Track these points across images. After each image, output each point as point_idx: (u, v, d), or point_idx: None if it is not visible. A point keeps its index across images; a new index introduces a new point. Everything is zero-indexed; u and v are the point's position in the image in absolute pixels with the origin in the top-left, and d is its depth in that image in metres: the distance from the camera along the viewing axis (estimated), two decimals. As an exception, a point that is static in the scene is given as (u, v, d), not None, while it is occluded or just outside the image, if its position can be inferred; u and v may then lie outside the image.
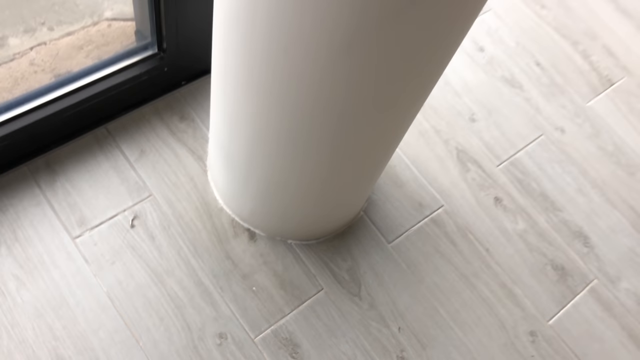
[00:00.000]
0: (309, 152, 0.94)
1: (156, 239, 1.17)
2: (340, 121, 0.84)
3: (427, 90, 0.87)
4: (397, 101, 0.83)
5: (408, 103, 0.86)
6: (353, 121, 0.85)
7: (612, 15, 1.70)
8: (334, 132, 0.88)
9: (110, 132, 1.24)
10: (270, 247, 1.21)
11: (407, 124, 0.97)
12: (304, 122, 0.85)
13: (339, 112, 0.81)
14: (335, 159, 0.96)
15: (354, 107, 0.81)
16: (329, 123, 0.85)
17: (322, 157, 0.95)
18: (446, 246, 1.28)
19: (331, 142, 0.90)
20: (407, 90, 0.81)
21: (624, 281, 1.32)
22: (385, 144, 1.00)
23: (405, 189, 1.33)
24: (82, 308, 1.09)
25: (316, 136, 0.89)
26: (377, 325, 1.17)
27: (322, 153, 0.94)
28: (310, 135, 0.89)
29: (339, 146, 0.92)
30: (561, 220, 1.36)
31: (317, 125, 0.86)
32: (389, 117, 0.88)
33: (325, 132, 0.87)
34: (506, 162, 1.41)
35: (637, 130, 1.53)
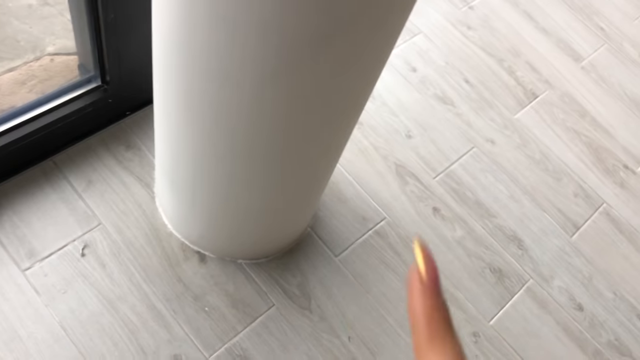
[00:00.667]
0: (251, 175, 0.99)
1: (107, 266, 1.18)
2: (276, 144, 0.90)
3: (354, 112, 0.93)
4: (327, 123, 0.89)
5: (338, 124, 0.92)
6: (289, 144, 0.90)
7: (533, 34, 1.83)
8: (273, 155, 0.93)
9: (57, 164, 1.26)
10: (221, 268, 1.24)
11: (341, 145, 1.03)
12: (243, 147, 0.91)
13: (275, 137, 0.87)
14: (278, 181, 1.02)
15: (288, 131, 0.86)
16: (266, 147, 0.90)
17: (264, 179, 1.00)
18: (390, 256, 1.35)
19: (272, 165, 0.96)
20: (334, 112, 0.87)
21: (557, 279, 1.42)
22: (322, 165, 1.06)
23: (349, 204, 1.39)
24: (34, 340, 1.09)
25: (256, 160, 0.94)
26: (328, 336, 1.22)
27: (265, 176, 0.99)
28: (250, 159, 0.94)
29: (280, 167, 0.97)
30: (496, 225, 1.45)
31: (256, 149, 0.91)
32: (323, 139, 0.95)
33: (264, 155, 0.93)
34: (442, 174, 1.49)
35: (561, 139, 1.64)
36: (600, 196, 1.57)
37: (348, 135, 1.03)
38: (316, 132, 0.92)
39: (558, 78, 1.76)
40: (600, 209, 1.55)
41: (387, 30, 0.76)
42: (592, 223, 1.53)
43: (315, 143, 0.95)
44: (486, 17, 1.82)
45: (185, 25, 0.73)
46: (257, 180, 1.00)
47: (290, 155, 0.95)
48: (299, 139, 0.91)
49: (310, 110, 0.84)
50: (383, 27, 0.74)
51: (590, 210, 1.54)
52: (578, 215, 1.53)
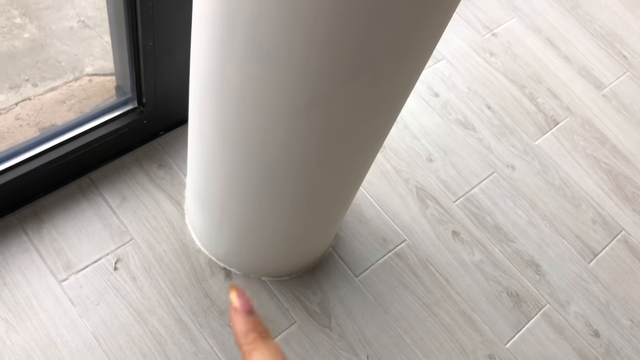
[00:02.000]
0: (279, 198, 1.04)
1: (138, 280, 1.24)
2: (305, 170, 0.95)
3: (379, 140, 0.98)
4: (353, 150, 0.94)
5: (363, 151, 0.97)
6: (316, 169, 0.95)
7: (555, 61, 1.87)
8: (301, 179, 0.98)
9: (93, 181, 1.33)
10: (245, 284, 1.29)
11: (365, 169, 1.08)
12: (273, 172, 0.96)
13: (303, 164, 0.92)
14: (303, 203, 1.07)
15: (317, 157, 0.91)
16: (295, 172, 0.95)
17: (291, 202, 1.05)
18: (409, 278, 1.39)
19: (298, 188, 1.01)
20: (361, 140, 0.92)
21: (573, 305, 1.44)
22: (346, 187, 1.10)
23: (370, 226, 1.44)
24: (69, 348, 1.15)
25: (285, 183, 0.99)
26: (346, 354, 1.26)
27: (291, 198, 1.04)
28: (280, 183, 0.99)
29: (306, 191, 1.02)
30: (514, 250, 1.48)
31: (285, 173, 0.96)
32: (348, 164, 0.99)
33: (292, 179, 0.98)
34: (462, 198, 1.53)
35: (580, 166, 1.67)
36: (619, 223, 1.59)
37: (372, 160, 1.08)
38: (342, 159, 0.96)
39: (579, 105, 1.79)
40: (618, 236, 1.57)
41: (414, 64, 0.81)
42: (610, 250, 1.54)
43: (341, 169, 1.00)
44: (509, 43, 1.86)
45: (222, 59, 0.79)
46: (284, 203, 1.05)
47: (317, 180, 1.00)
48: (326, 166, 0.96)
49: (338, 140, 0.89)
50: (411, 61, 0.79)
51: (609, 238, 1.56)
52: (596, 242, 1.55)
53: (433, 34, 0.76)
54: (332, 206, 1.16)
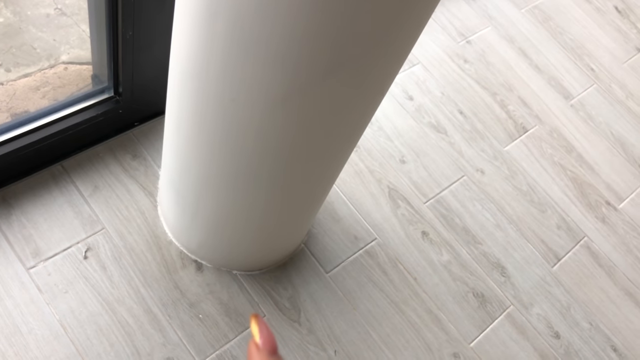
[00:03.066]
0: (254, 191, 1.05)
1: (108, 269, 1.24)
2: (280, 163, 0.96)
3: (353, 138, 1.00)
4: (328, 147, 0.96)
5: (337, 148, 0.99)
6: (291, 164, 0.97)
7: (526, 71, 1.92)
8: (276, 173, 0.99)
9: (65, 168, 1.32)
10: (216, 278, 1.30)
11: (339, 167, 1.10)
12: (249, 164, 0.97)
13: (278, 157, 0.93)
14: (277, 197, 1.08)
15: (292, 152, 0.93)
16: (270, 167, 0.96)
17: (265, 195, 1.06)
18: (379, 276, 1.41)
19: (273, 182, 1.02)
20: (335, 137, 0.94)
21: (536, 307, 1.48)
22: (320, 184, 1.12)
23: (342, 224, 1.46)
24: (34, 335, 1.14)
25: (260, 176, 1.00)
26: (315, 349, 1.27)
27: (266, 191, 1.05)
28: (255, 175, 1.00)
29: (281, 185, 1.04)
30: (481, 252, 1.52)
31: (261, 166, 0.97)
32: (323, 161, 1.01)
33: (267, 172, 0.99)
34: (432, 200, 1.56)
35: (547, 172, 1.72)
36: (582, 230, 1.64)
37: (346, 158, 1.10)
38: (317, 155, 0.98)
39: (548, 114, 1.84)
40: (581, 242, 1.62)
41: (390, 65, 0.83)
42: (573, 255, 1.59)
43: (315, 165, 1.02)
44: (483, 51, 1.91)
45: (202, 49, 0.80)
46: (258, 197, 1.06)
47: (291, 175, 1.01)
48: (301, 161, 0.97)
49: (313, 136, 0.90)
50: (386, 61, 0.81)
51: (572, 243, 1.61)
52: (560, 247, 1.59)
53: (409, 36, 0.79)
54: (305, 202, 1.17)
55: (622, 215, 1.70)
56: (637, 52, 2.12)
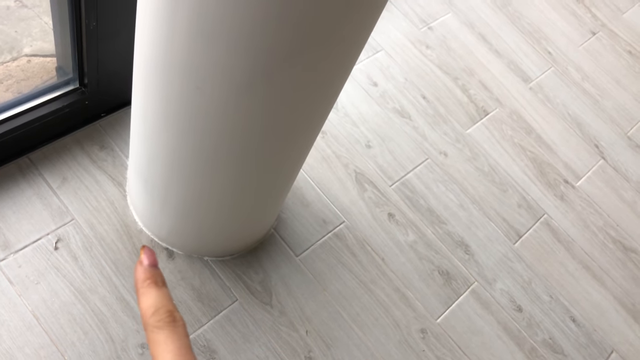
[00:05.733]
0: (222, 177, 1.07)
1: (79, 259, 1.25)
2: (247, 149, 0.98)
3: (318, 122, 1.03)
4: (294, 131, 0.99)
5: (303, 133, 1.02)
6: (258, 149, 0.99)
7: (486, 55, 1.97)
8: (243, 159, 1.02)
9: (32, 161, 1.32)
10: (188, 264, 1.32)
11: (305, 151, 1.13)
12: (216, 150, 0.99)
13: (244, 142, 0.96)
14: (245, 182, 1.10)
15: (258, 137, 0.96)
16: (237, 151, 0.99)
17: (233, 181, 1.09)
18: (347, 257, 1.45)
19: (241, 167, 1.05)
20: (301, 122, 0.97)
21: (499, 282, 1.54)
22: (287, 169, 1.15)
23: (311, 208, 1.49)
24: (7, 327, 1.15)
25: (227, 162, 1.03)
26: (287, 329, 1.31)
27: (234, 177, 1.08)
28: (222, 162, 1.02)
29: (248, 170, 1.06)
30: (445, 231, 1.57)
31: (228, 153, 0.99)
32: (289, 145, 1.04)
33: (235, 159, 1.01)
34: (398, 183, 1.60)
35: (508, 154, 1.77)
36: (542, 207, 1.71)
37: (311, 142, 1.12)
38: (283, 140, 1.01)
39: (508, 97, 1.90)
40: (541, 219, 1.69)
41: (350, 48, 0.86)
42: (534, 232, 1.66)
43: (282, 150, 1.05)
44: (444, 37, 1.95)
45: (165, 36, 0.82)
46: (226, 182, 1.09)
47: (258, 160, 1.04)
48: (267, 146, 1.00)
49: (277, 120, 0.93)
50: (346, 44, 0.84)
51: (532, 220, 1.68)
52: (521, 225, 1.66)
53: (366, 20, 0.82)
54: (273, 187, 1.20)
55: (579, 193, 1.78)
56: (591, 35, 2.19)
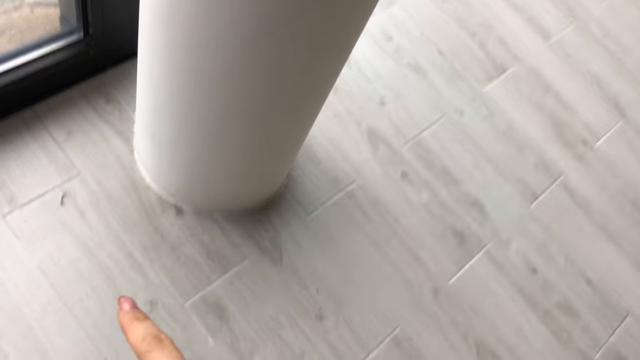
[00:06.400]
0: (231, 132, 1.03)
1: (86, 215, 1.22)
2: (257, 104, 0.94)
3: (330, 77, 0.98)
4: (305, 86, 0.94)
5: (314, 87, 0.97)
6: (267, 103, 0.95)
7: (505, 10, 1.90)
8: (253, 114, 0.98)
9: (37, 114, 1.28)
10: (197, 221, 1.29)
11: (317, 107, 1.08)
12: (225, 105, 0.95)
13: (254, 96, 0.92)
14: (256, 138, 1.06)
15: (268, 92, 0.91)
16: (247, 106, 0.94)
17: (243, 136, 1.05)
18: (359, 217, 1.42)
19: (251, 122, 1.00)
20: (311, 76, 0.92)
21: (514, 244, 1.51)
22: (298, 125, 1.11)
23: (322, 166, 1.45)
24: (13, 282, 1.13)
25: (237, 116, 0.98)
26: (297, 287, 1.29)
27: (244, 132, 1.04)
28: (232, 116, 0.98)
29: (258, 125, 1.02)
30: (460, 191, 1.53)
31: (237, 107, 0.95)
32: (300, 101, 0.99)
33: (244, 113, 0.97)
34: (412, 142, 1.56)
35: (525, 112, 1.72)
36: (559, 168, 1.66)
37: (324, 98, 1.08)
38: (294, 95, 0.96)
39: (526, 54, 1.83)
40: (558, 180, 1.64)
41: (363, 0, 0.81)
42: (550, 193, 1.62)
43: (293, 105, 1.00)
44: (461, -9, 1.87)
45: (175, -20, 0.77)
46: (236, 136, 1.05)
47: (269, 114, 0.99)
48: (277, 100, 0.95)
49: (288, 73, 0.88)
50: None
51: (549, 181, 1.63)
52: (537, 185, 1.61)
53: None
54: (284, 144, 1.16)
55: (598, 153, 1.73)
56: (615, -10, 2.10)
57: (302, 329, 1.25)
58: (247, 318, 1.23)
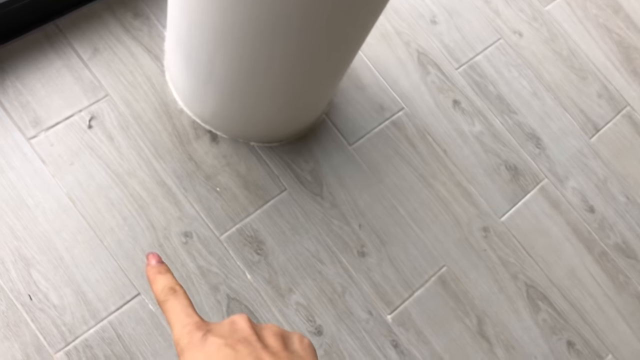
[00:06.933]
0: (271, 51, 0.92)
1: (115, 139, 1.14)
2: (298, 23, 0.82)
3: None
4: (351, 3, 0.81)
5: (362, 6, 0.84)
6: (311, 23, 0.83)
7: None
8: (298, 28, 0.86)
9: (60, 28, 1.18)
10: (233, 149, 1.20)
11: (371, 22, 0.96)
12: (269, 17, 0.83)
13: (297, 15, 0.79)
14: (299, 58, 0.95)
15: (310, 9, 0.79)
16: (288, 25, 0.83)
17: (284, 57, 0.93)
18: (406, 148, 1.31)
19: (292, 41, 0.89)
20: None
21: (572, 180, 1.39)
22: (348, 42, 0.98)
23: (367, 92, 1.33)
24: (42, 209, 1.07)
25: (280, 32, 0.87)
26: (338, 222, 1.21)
27: (286, 50, 0.92)
28: (272, 33, 0.87)
29: (303, 43, 0.90)
30: (516, 122, 1.40)
31: (278, 26, 0.83)
32: (346, 19, 0.87)
33: (288, 28, 0.85)
34: (465, 66, 1.42)
35: (591, 36, 1.55)
36: (625, 98, 1.52)
37: (373, 19, 0.95)
38: (341, 11, 0.84)
39: (595, -31, 1.64)
40: (623, 111, 1.50)
41: None
42: (613, 125, 1.48)
43: (338, 24, 0.88)
44: None
45: None
46: (276, 57, 0.94)
47: (312, 34, 0.87)
48: (322, 19, 0.83)
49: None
50: None
51: (613, 112, 1.49)
52: (599, 117, 1.48)
53: None
54: (330, 64, 1.04)
55: (668, 83, 1.57)
56: None
57: (343, 265, 1.18)
58: (285, 253, 1.16)
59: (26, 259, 1.04)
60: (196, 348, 0.41)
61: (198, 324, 0.42)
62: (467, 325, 1.22)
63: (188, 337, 0.41)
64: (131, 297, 1.06)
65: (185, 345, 0.41)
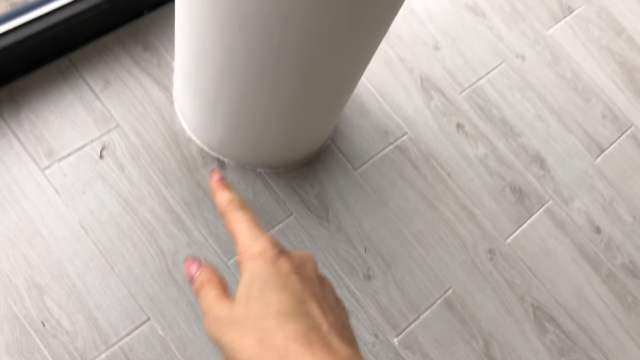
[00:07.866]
0: (278, 79, 0.95)
1: (126, 169, 1.18)
2: (304, 50, 0.85)
3: (385, 19, 0.88)
4: (355, 32, 0.84)
5: (372, 26, 0.87)
6: (320, 47, 0.86)
7: (574, -58, 1.71)
8: (303, 57, 0.89)
9: (73, 62, 1.22)
10: (240, 176, 1.23)
11: (372, 50, 0.99)
12: (273, 48, 0.86)
13: (302, 44, 0.83)
14: (304, 85, 0.98)
15: (315, 38, 0.82)
16: (294, 54, 0.86)
17: (289, 86, 0.96)
18: (410, 171, 1.33)
19: (297, 70, 0.92)
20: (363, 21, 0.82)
21: (577, 201, 1.40)
22: (351, 70, 1.01)
23: (371, 118, 1.36)
24: (55, 237, 1.11)
25: (285, 62, 0.90)
26: (344, 246, 1.23)
27: (289, 81, 0.95)
28: (279, 61, 0.90)
29: (308, 72, 0.93)
30: (520, 144, 1.42)
31: (286, 50, 0.86)
32: (350, 48, 0.90)
33: (293, 57, 0.88)
34: (468, 90, 1.44)
35: (594, 57, 1.57)
36: (629, 118, 1.53)
37: (375, 46, 0.98)
38: (344, 39, 0.87)
39: (597, -8, 1.66)
40: (627, 131, 1.51)
41: None
42: (618, 146, 1.49)
43: (342, 53, 0.91)
44: None
45: None
46: (282, 86, 0.97)
47: (316, 63, 0.91)
48: (326, 47, 0.86)
49: (339, 17, 0.79)
50: None
51: (617, 133, 1.50)
52: (604, 138, 1.49)
53: None
54: (332, 95, 1.07)
55: (673, 103, 1.57)
56: None
57: (349, 288, 1.20)
58: (292, 277, 1.17)
59: (40, 286, 1.07)
60: (267, 262, 0.41)
61: (274, 242, 0.43)
62: (473, 348, 1.22)
63: (259, 248, 0.42)
64: (141, 322, 1.08)
65: (254, 255, 0.42)
